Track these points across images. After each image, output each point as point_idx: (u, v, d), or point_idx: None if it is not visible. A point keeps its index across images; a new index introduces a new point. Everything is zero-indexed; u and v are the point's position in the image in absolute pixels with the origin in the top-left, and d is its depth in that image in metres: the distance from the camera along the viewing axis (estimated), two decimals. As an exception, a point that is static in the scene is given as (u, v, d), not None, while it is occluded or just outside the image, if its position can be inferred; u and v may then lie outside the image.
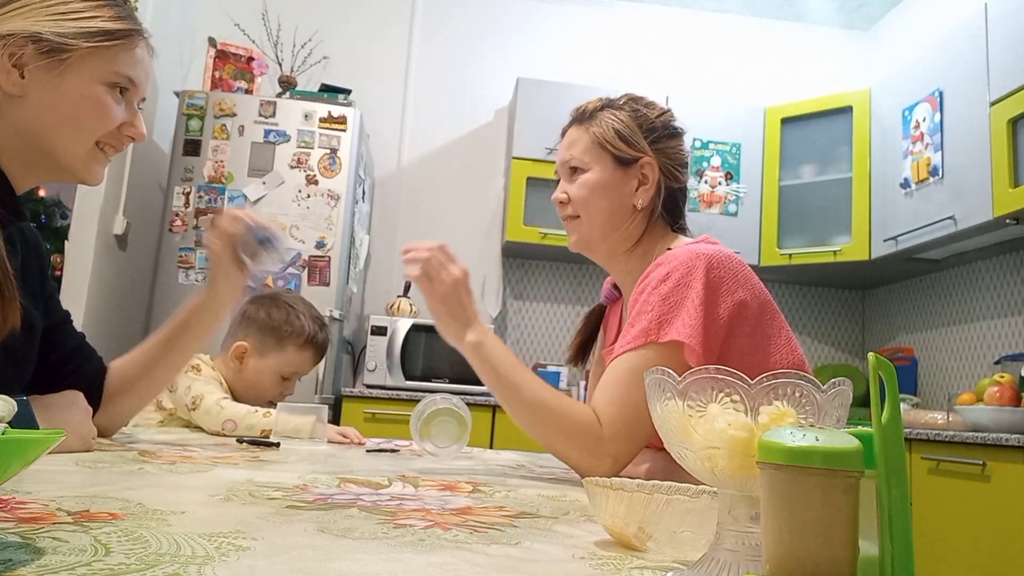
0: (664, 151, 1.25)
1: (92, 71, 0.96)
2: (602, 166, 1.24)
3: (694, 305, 1.06)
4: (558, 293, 3.90)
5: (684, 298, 1.07)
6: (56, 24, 0.92)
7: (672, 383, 0.49)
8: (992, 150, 2.64)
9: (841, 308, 4.03)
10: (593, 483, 0.63)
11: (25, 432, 0.50)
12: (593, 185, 1.23)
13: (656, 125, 1.26)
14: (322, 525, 0.59)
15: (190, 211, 3.03)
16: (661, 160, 1.24)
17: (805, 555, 0.38)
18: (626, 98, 1.28)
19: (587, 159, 1.24)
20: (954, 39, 2.93)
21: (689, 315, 1.05)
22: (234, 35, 3.56)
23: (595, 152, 1.24)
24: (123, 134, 1.02)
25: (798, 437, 0.40)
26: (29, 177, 1.02)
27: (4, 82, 0.92)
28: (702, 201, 3.61)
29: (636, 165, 1.23)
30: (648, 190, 1.24)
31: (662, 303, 1.08)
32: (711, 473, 0.48)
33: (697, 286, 1.07)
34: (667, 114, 1.29)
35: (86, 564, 0.42)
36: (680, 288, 1.08)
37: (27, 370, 1.08)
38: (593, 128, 1.25)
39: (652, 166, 1.24)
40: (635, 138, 1.23)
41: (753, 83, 4.06)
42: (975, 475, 2.25)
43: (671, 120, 1.29)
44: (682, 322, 1.05)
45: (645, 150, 1.23)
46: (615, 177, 1.23)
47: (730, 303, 1.08)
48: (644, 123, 1.25)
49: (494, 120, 3.99)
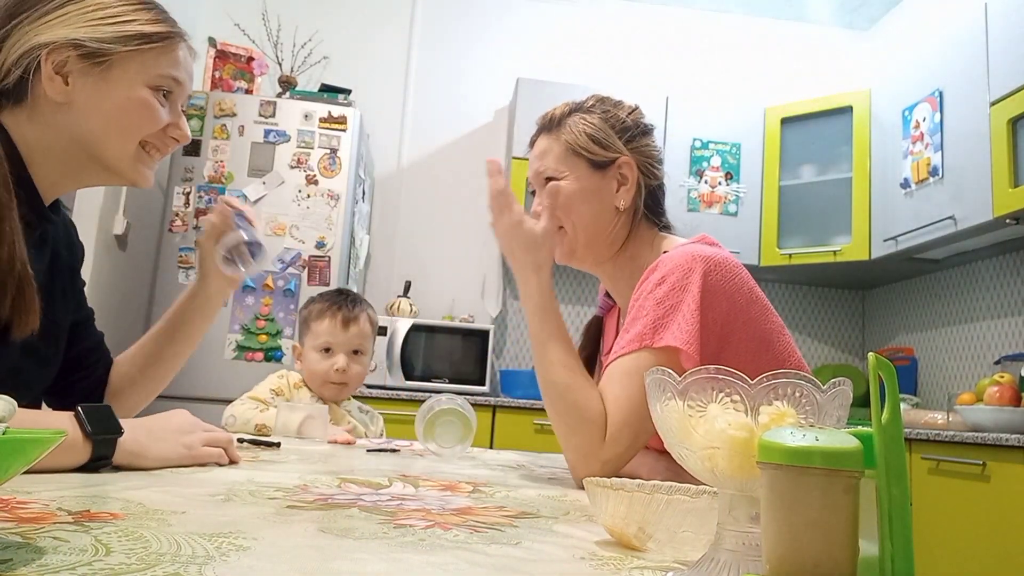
0: (639, 149, 1.24)
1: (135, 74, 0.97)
2: (578, 173, 1.20)
3: (690, 310, 1.05)
4: (558, 293, 3.90)
5: (680, 302, 1.06)
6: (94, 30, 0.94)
7: (672, 383, 0.49)
8: (992, 150, 2.64)
9: (841, 308, 4.03)
10: (593, 483, 0.63)
11: (25, 432, 0.50)
12: (572, 193, 1.20)
13: (628, 124, 1.24)
14: (322, 525, 0.59)
15: (190, 211, 3.03)
16: (638, 158, 1.23)
17: (805, 555, 0.38)
18: (594, 100, 1.26)
19: (562, 168, 1.21)
20: (954, 39, 2.93)
21: (685, 320, 1.04)
22: (234, 35, 3.56)
23: (569, 160, 1.21)
24: (168, 135, 1.03)
25: (798, 437, 0.40)
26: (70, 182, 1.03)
27: (50, 90, 0.93)
28: (702, 201, 3.61)
29: (614, 166, 1.21)
30: (629, 190, 1.22)
31: (657, 307, 1.07)
32: (711, 473, 0.48)
33: (694, 290, 1.06)
34: (636, 111, 1.27)
35: (87, 564, 0.42)
36: (676, 292, 1.07)
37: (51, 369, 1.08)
38: (564, 136, 1.22)
39: (630, 165, 1.22)
40: (610, 140, 1.21)
41: (753, 83, 4.06)
42: (975, 475, 2.25)
43: (641, 117, 1.27)
44: (678, 327, 1.04)
45: (621, 150, 1.21)
46: (593, 182, 1.20)
47: (727, 307, 1.07)
48: (616, 123, 1.22)
49: (494, 120, 3.99)
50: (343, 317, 1.82)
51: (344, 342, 1.81)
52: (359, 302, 1.88)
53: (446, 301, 3.80)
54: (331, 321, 1.82)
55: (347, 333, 1.81)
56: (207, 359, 2.93)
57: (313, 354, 1.82)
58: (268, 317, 2.99)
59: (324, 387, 1.81)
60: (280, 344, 2.98)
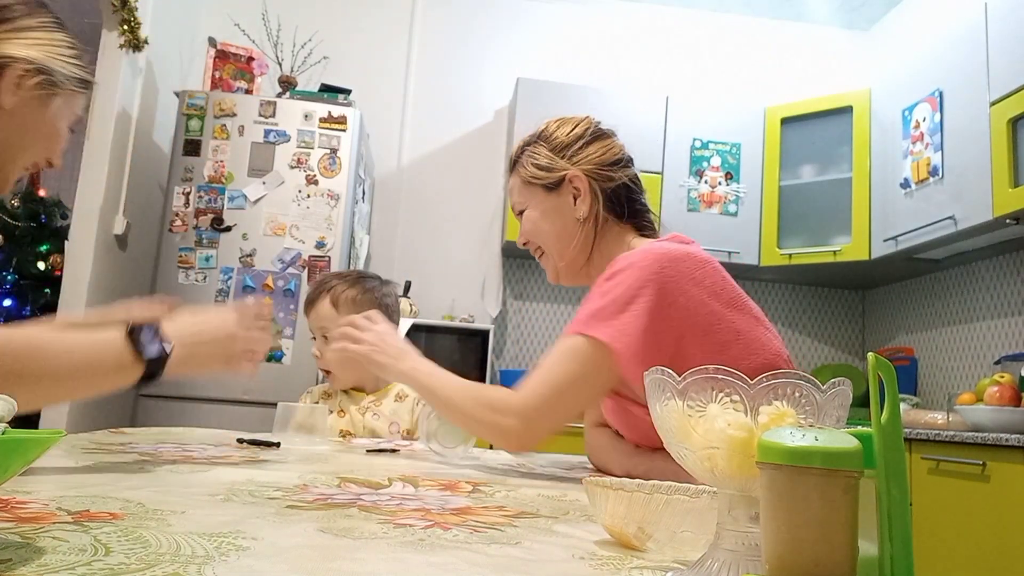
0: (584, 159, 1.29)
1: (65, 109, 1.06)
2: (536, 199, 1.31)
3: (636, 308, 1.07)
4: (558, 293, 3.90)
5: (630, 299, 1.08)
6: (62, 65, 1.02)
7: (672, 383, 0.49)
8: (992, 150, 2.64)
9: (841, 308, 4.03)
10: (593, 483, 0.63)
11: (25, 432, 0.50)
12: (536, 218, 1.31)
13: (566, 141, 1.30)
14: (322, 525, 0.59)
15: (190, 211, 3.03)
16: (585, 168, 1.28)
17: (804, 555, 0.38)
18: (543, 126, 1.35)
19: (523, 199, 1.33)
20: (954, 39, 2.93)
21: (628, 316, 1.06)
22: (234, 35, 3.56)
23: (527, 191, 1.32)
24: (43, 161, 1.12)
25: (797, 437, 0.40)
26: None
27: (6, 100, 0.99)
28: (702, 201, 3.61)
29: (565, 183, 1.28)
30: (584, 200, 1.27)
31: (601, 298, 1.11)
32: (711, 473, 0.48)
33: (646, 289, 1.07)
34: (579, 125, 1.32)
35: (86, 563, 0.42)
36: (623, 287, 1.09)
37: None
38: (520, 171, 1.33)
39: (579, 177, 1.28)
40: (552, 162, 1.29)
41: (753, 83, 4.06)
42: (975, 475, 2.25)
43: (587, 128, 1.32)
44: (619, 322, 1.06)
45: (565, 167, 1.28)
46: (550, 202, 1.30)
47: (683, 303, 1.08)
48: (556, 145, 1.30)
49: (494, 120, 3.99)
50: (305, 302, 1.86)
51: (313, 327, 1.84)
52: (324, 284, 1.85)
53: (446, 301, 3.80)
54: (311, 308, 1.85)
55: (309, 318, 1.85)
56: (207, 359, 2.93)
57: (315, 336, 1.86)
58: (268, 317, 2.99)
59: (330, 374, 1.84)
60: (280, 344, 2.98)
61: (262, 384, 2.78)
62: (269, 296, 3.01)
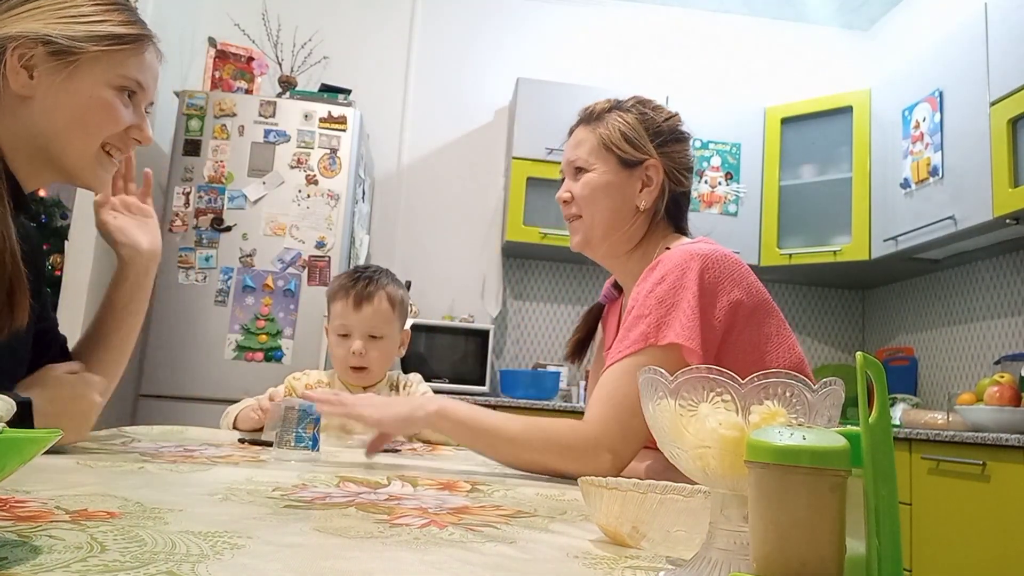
0: (669, 154, 1.26)
1: (101, 74, 0.96)
2: (607, 167, 1.25)
3: (690, 306, 1.07)
4: (558, 293, 3.91)
5: (680, 299, 1.08)
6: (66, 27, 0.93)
7: (664, 382, 0.50)
8: (992, 150, 2.64)
9: (841, 308, 4.03)
10: (588, 482, 0.63)
11: (23, 431, 0.50)
12: (597, 185, 1.25)
13: (663, 129, 1.27)
14: (318, 524, 0.59)
15: (190, 211, 3.04)
16: (666, 163, 1.25)
17: (792, 553, 0.39)
18: (634, 100, 1.30)
19: (592, 160, 1.26)
20: (954, 39, 2.93)
21: (686, 316, 1.06)
22: (234, 35, 3.56)
23: (601, 153, 1.25)
24: (130, 137, 1.02)
25: (785, 436, 0.40)
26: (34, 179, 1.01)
27: (13, 83, 0.93)
28: (702, 201, 3.61)
29: (641, 167, 1.25)
30: (652, 192, 1.25)
31: (659, 306, 1.09)
32: (703, 472, 0.48)
33: (692, 287, 1.08)
34: (674, 118, 1.30)
35: (81, 560, 0.42)
36: (676, 290, 1.08)
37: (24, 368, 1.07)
38: (600, 129, 1.26)
39: (657, 168, 1.25)
40: (641, 141, 1.25)
41: (753, 83, 4.06)
42: (975, 475, 2.25)
43: (678, 124, 1.30)
44: (680, 324, 1.06)
45: (650, 152, 1.25)
46: (619, 178, 1.25)
47: (726, 303, 1.09)
48: (651, 126, 1.26)
49: (494, 120, 3.99)
50: (355, 296, 1.64)
51: (357, 324, 1.63)
52: (376, 279, 1.67)
53: (446, 301, 3.80)
54: (344, 302, 1.65)
55: (359, 315, 1.63)
56: (206, 359, 2.94)
57: (333, 337, 1.67)
58: (268, 317, 2.99)
59: (346, 373, 1.66)
60: (280, 344, 2.98)
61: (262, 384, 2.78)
62: (269, 296, 3.02)
